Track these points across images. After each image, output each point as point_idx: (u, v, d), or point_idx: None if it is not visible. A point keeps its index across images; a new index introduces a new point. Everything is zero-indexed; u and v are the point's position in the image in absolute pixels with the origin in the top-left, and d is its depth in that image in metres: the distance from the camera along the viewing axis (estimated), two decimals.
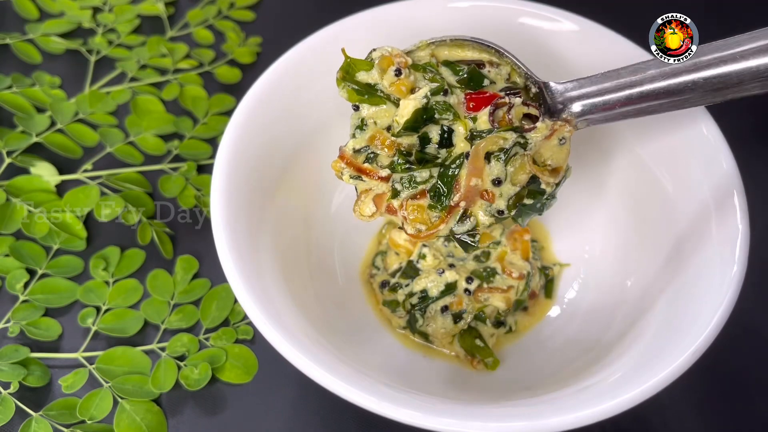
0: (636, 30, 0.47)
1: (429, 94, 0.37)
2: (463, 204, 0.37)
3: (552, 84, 0.39)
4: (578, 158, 0.50)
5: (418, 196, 0.38)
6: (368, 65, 0.38)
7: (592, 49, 0.48)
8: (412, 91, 0.38)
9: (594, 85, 0.38)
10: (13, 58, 0.65)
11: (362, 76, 0.38)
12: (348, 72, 0.38)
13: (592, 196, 0.51)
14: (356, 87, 0.38)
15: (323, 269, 0.50)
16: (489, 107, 0.37)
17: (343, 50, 0.38)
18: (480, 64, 0.40)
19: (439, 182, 0.38)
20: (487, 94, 0.38)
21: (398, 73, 0.37)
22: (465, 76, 0.39)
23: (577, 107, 0.38)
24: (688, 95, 0.36)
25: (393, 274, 0.49)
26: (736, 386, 0.48)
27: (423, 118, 0.37)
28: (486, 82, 0.39)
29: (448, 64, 0.40)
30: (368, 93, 0.38)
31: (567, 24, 0.48)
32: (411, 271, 0.49)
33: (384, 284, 0.49)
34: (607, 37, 0.47)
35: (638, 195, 0.48)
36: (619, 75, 0.38)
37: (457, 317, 0.46)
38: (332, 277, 0.50)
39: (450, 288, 0.47)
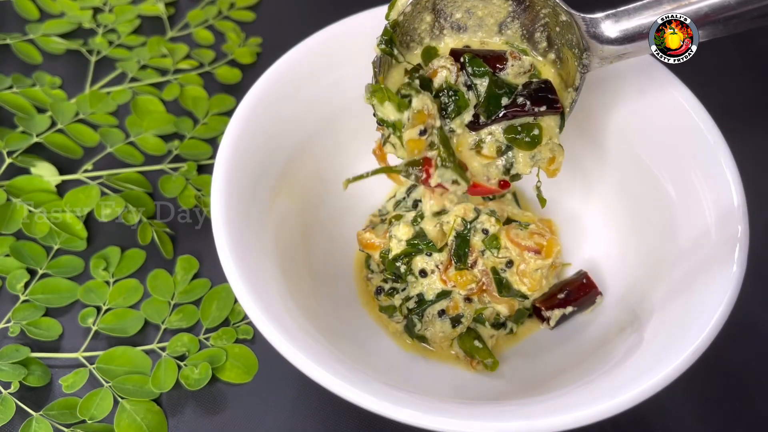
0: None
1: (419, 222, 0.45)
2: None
3: (583, 15, 0.38)
4: (578, 159, 0.51)
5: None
6: (401, 104, 0.37)
7: None
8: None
9: (631, 14, 0.37)
10: (13, 59, 0.66)
11: (388, 108, 0.37)
12: (375, 93, 0.37)
13: (592, 196, 0.52)
14: (378, 120, 0.39)
15: (322, 269, 0.50)
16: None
17: (380, 80, 0.39)
18: (501, 59, 0.40)
19: (454, 258, 0.45)
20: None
21: (422, 133, 0.38)
22: (483, 99, 0.39)
23: (613, 32, 0.37)
24: (734, 19, 0.34)
25: (386, 279, 0.49)
26: (736, 386, 0.47)
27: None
28: (504, 100, 0.39)
29: (471, 61, 0.39)
30: (389, 127, 0.38)
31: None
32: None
33: (379, 291, 0.49)
34: None
35: (638, 195, 0.48)
36: (659, 2, 0.36)
37: (455, 321, 0.46)
38: (331, 278, 0.50)
39: (445, 292, 0.46)
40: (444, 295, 0.46)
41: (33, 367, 0.47)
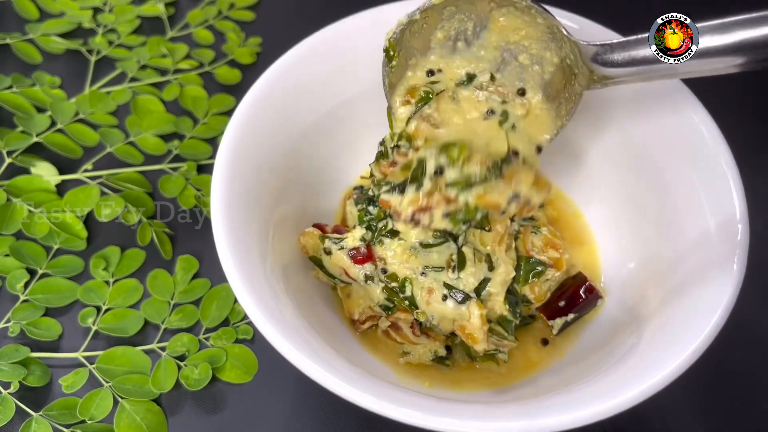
0: (636, 30, 0.47)
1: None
2: None
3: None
4: (579, 161, 0.51)
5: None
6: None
7: None
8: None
9: (629, 45, 0.38)
10: (13, 58, 0.66)
11: None
12: None
13: (592, 197, 0.51)
14: None
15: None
16: None
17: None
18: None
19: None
20: None
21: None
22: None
23: (616, 56, 0.38)
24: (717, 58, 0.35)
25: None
26: (736, 386, 0.47)
27: None
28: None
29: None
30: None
31: (567, 24, 0.48)
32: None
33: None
34: (607, 37, 0.47)
35: (639, 196, 0.48)
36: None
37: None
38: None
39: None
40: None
41: (33, 367, 0.47)
